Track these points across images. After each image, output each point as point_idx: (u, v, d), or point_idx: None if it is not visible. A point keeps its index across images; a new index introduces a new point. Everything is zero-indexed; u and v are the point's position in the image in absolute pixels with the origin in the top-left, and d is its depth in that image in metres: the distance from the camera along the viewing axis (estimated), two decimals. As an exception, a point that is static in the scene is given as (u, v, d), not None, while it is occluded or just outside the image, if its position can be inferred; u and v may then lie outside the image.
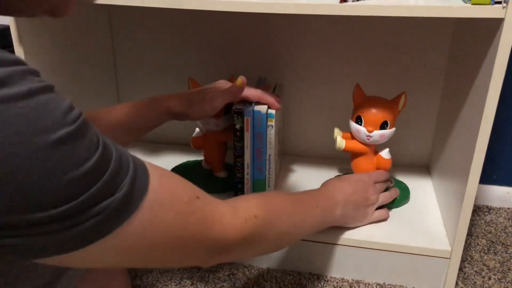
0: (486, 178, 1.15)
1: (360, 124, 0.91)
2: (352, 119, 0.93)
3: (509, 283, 0.92)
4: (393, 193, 0.95)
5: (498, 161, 1.13)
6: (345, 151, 0.95)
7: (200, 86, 0.98)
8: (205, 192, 0.52)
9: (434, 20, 0.98)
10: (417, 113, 1.08)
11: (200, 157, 1.09)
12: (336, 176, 1.04)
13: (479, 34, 0.78)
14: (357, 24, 1.02)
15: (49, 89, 0.37)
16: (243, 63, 1.10)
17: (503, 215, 1.13)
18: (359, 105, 0.92)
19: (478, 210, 1.14)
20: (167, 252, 0.47)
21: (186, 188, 0.49)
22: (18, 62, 0.36)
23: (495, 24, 0.69)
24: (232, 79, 0.98)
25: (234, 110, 0.89)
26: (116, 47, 1.14)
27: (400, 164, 1.13)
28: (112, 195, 0.39)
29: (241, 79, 0.82)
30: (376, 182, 0.90)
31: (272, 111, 0.89)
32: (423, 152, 1.12)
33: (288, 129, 1.15)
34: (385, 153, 0.95)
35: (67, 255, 0.39)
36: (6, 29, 1.16)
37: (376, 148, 0.96)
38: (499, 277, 0.93)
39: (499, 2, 0.66)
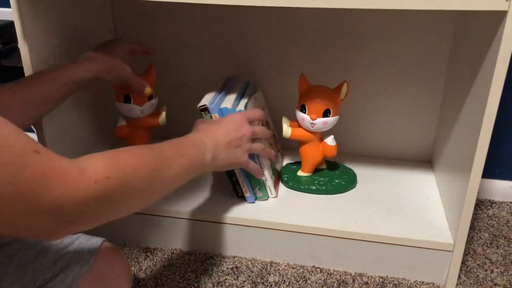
0: (489, 172, 1.15)
1: (304, 112, 0.94)
2: (297, 108, 0.96)
3: (512, 276, 0.92)
4: (267, 149, 0.89)
5: (501, 155, 1.13)
6: (291, 138, 0.98)
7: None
8: (50, 150, 0.46)
9: (437, 12, 0.98)
10: (419, 107, 1.08)
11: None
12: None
13: (482, 26, 0.78)
14: (355, 16, 1.01)
15: None
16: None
17: (506, 209, 1.13)
18: (304, 94, 0.95)
19: (480, 204, 1.14)
20: None
21: (22, 140, 0.43)
22: None
23: (499, 17, 0.69)
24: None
25: (200, 108, 0.88)
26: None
27: (402, 158, 1.13)
28: None
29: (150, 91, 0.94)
30: (250, 121, 0.85)
31: (241, 108, 0.89)
32: (425, 146, 1.12)
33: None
34: (330, 140, 0.97)
35: None
36: (10, 24, 1.17)
37: (321, 136, 0.99)
38: (502, 270, 0.93)
39: (502, -5, 0.66)
